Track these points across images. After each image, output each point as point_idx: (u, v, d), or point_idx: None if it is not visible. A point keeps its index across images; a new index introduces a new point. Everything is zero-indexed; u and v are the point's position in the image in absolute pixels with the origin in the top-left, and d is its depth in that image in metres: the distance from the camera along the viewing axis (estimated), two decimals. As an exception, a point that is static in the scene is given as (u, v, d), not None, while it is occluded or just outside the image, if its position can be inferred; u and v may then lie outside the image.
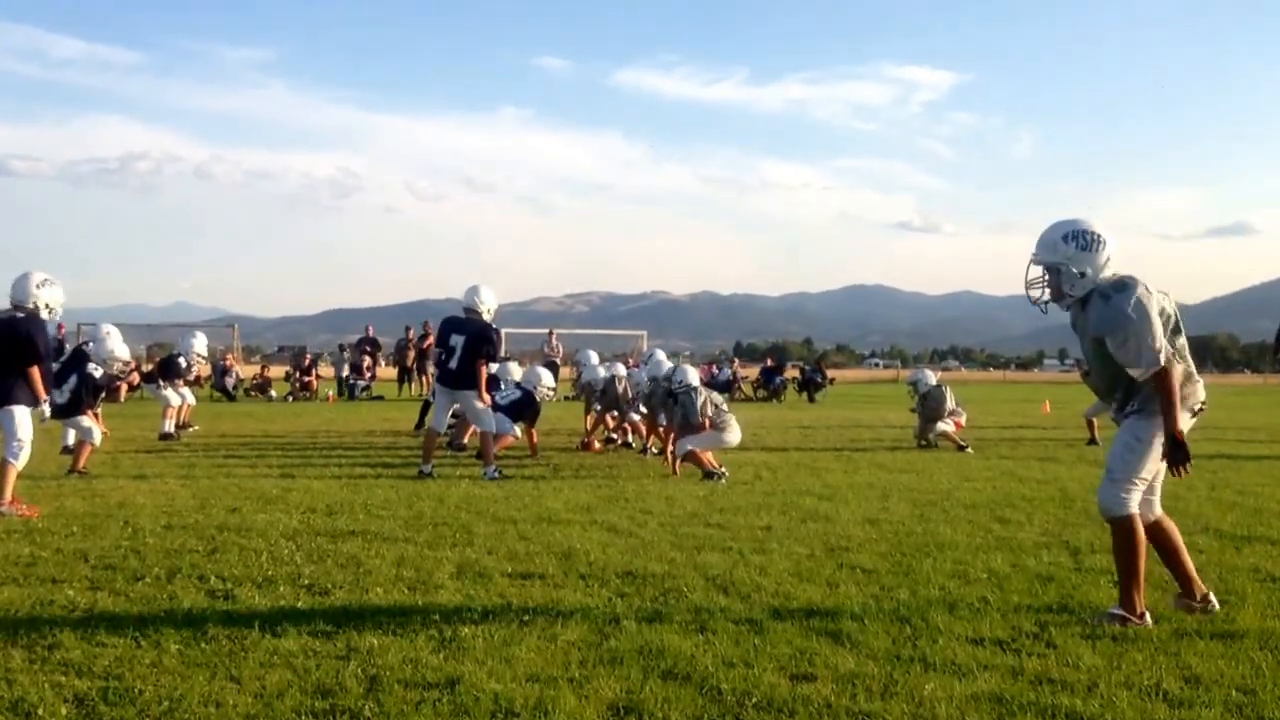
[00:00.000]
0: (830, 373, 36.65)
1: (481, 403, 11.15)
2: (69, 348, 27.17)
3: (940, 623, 5.12)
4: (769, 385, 32.40)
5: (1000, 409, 27.29)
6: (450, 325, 11.27)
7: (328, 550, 6.79)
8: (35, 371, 8.43)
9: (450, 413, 11.78)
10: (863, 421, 21.20)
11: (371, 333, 32.20)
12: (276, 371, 33.35)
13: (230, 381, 28.88)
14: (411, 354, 29.83)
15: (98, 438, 11.13)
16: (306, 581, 5.88)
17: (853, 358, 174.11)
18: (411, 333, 30.31)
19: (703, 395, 11.20)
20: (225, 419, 19.98)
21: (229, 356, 31.40)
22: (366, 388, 29.08)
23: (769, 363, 34.97)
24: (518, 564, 6.42)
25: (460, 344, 10.99)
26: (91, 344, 12.04)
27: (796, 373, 36.19)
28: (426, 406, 16.07)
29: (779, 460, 12.78)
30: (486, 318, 11.31)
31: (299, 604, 5.39)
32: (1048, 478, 11.19)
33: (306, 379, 29.98)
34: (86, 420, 11.03)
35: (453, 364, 11.02)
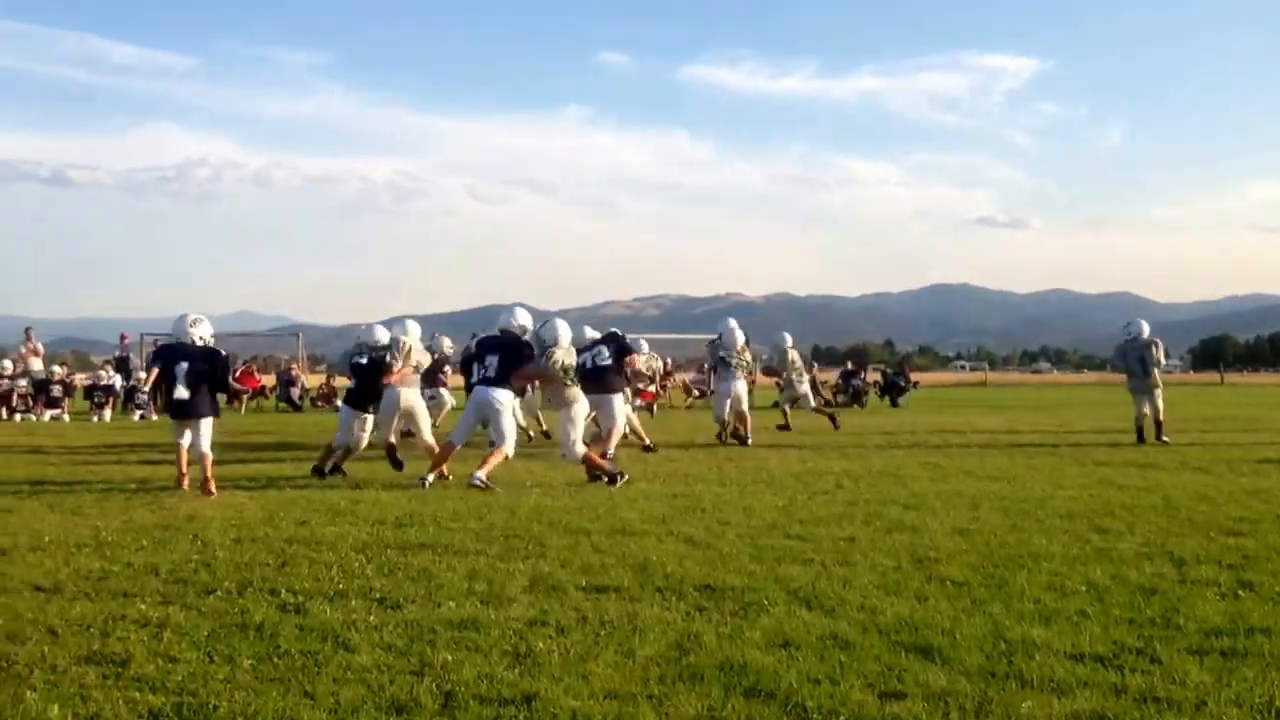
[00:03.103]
0: (914, 376, 36.37)
1: (509, 419, 11.48)
2: (133, 358, 27.72)
3: (1036, 637, 5.08)
4: (849, 390, 32.22)
5: (1096, 412, 26.91)
6: (485, 346, 11.78)
7: (398, 563, 6.87)
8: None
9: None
10: (949, 427, 21.01)
11: (438, 339, 32.43)
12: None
13: (296, 391, 29.28)
14: None
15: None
16: (378, 595, 5.96)
17: (937, 360, 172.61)
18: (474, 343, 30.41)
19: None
20: (292, 430, 20.28)
21: (294, 366, 31.81)
22: (434, 396, 29.31)
23: (849, 366, 34.77)
24: (592, 577, 6.45)
25: (495, 360, 11.43)
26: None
27: (878, 376, 35.94)
28: None
29: (860, 468, 12.70)
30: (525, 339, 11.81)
31: (371, 618, 5.46)
32: (1149, 485, 11.02)
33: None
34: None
35: (490, 374, 11.40)
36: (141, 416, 24.43)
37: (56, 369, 26.88)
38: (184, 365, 10.71)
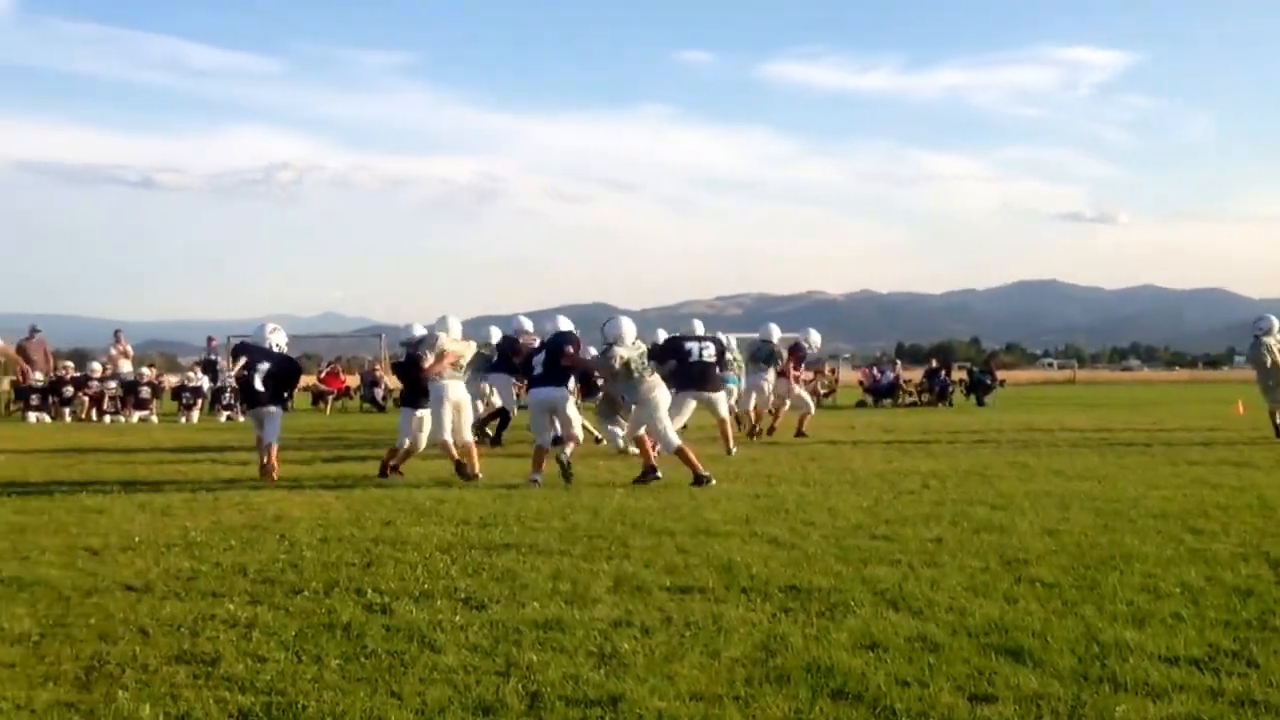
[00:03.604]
0: (1000, 374, 35.95)
1: (571, 409, 12.02)
2: (219, 360, 28.19)
3: (1130, 640, 5.00)
4: (934, 388, 31.92)
5: (1188, 410, 26.45)
6: (535, 349, 12.94)
7: (483, 563, 6.92)
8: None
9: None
10: (1037, 425, 20.73)
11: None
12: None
13: (380, 392, 29.60)
14: None
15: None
16: (463, 595, 6.01)
17: (1024, 357, 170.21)
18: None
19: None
20: (376, 430, 20.51)
21: (378, 367, 32.15)
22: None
23: (934, 364, 34.43)
24: (676, 577, 6.46)
25: (542, 358, 12.17)
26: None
27: (964, 374, 35.56)
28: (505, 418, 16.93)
29: (947, 468, 12.58)
30: None
31: (456, 618, 5.50)
32: (1244, 484, 10.80)
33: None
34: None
35: (538, 371, 12.08)
36: (228, 418, 24.83)
37: (145, 371, 27.39)
38: (265, 365, 12.12)
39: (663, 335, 15.59)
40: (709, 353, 14.88)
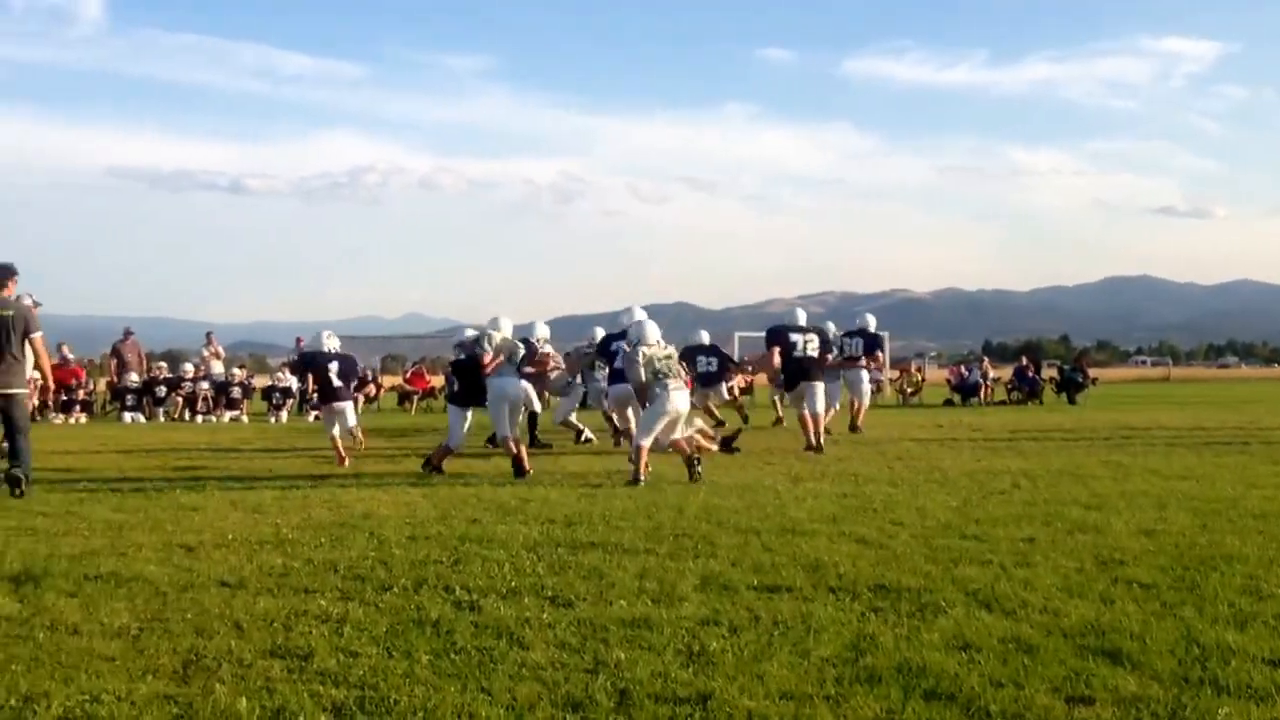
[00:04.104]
0: (1092, 372, 35.40)
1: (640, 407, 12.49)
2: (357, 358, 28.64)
3: (1231, 642, 4.89)
4: (1024, 386, 31.53)
5: (1288, 409, 25.88)
6: (613, 337, 14.27)
7: (569, 561, 6.95)
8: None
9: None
10: (1131, 424, 20.39)
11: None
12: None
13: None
14: None
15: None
16: (550, 593, 6.03)
17: (1116, 355, 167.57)
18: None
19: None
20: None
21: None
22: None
23: (1023, 362, 33.98)
24: (763, 576, 6.44)
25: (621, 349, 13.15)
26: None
27: (1054, 372, 35.09)
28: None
29: (1038, 467, 12.40)
30: None
31: (544, 615, 5.53)
32: (1348, 484, 10.54)
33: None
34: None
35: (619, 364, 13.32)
36: (316, 417, 25.21)
37: (236, 371, 27.90)
38: (334, 365, 14.20)
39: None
40: (813, 346, 15.11)
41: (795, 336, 15.31)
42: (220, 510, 9.36)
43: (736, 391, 21.67)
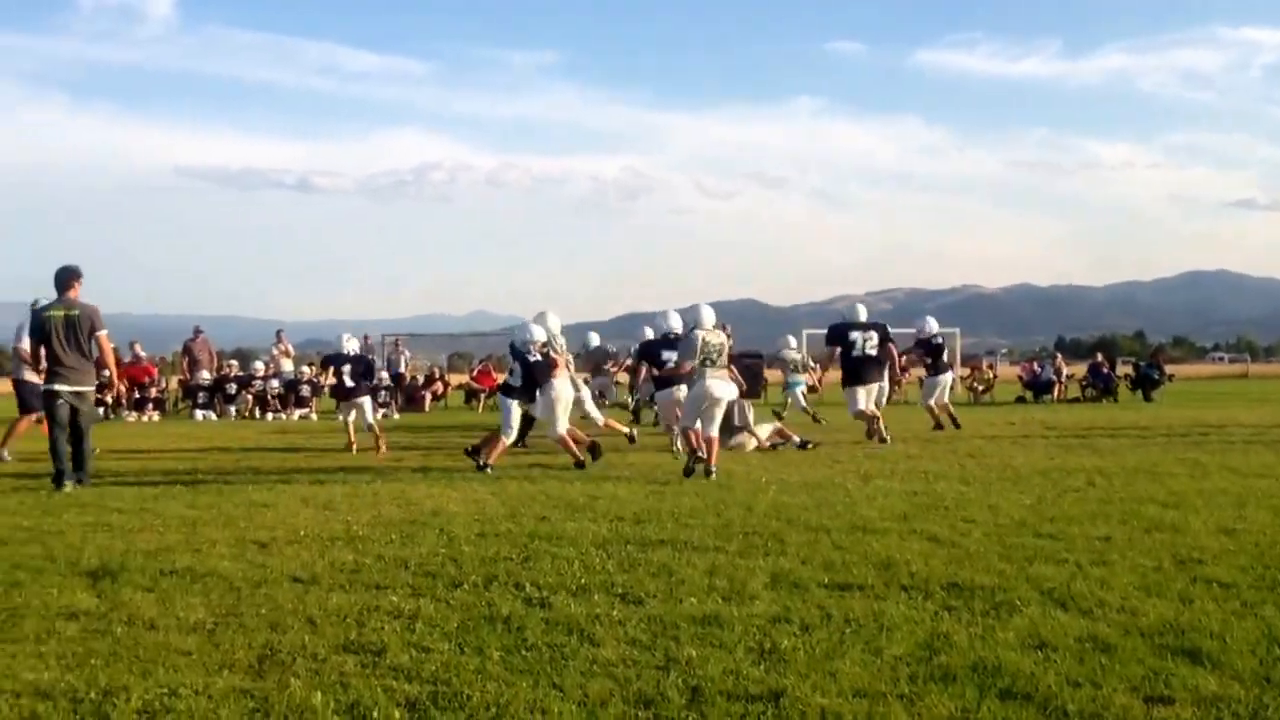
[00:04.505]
0: (1168, 368, 34.89)
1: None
2: (375, 359, 28.93)
3: (1316, 643, 4.82)
4: (1098, 383, 31.15)
5: (1372, 406, 25.35)
6: (657, 344, 14.79)
7: (638, 558, 6.97)
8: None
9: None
10: (1209, 421, 20.04)
11: (672, 336, 32.70)
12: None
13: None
14: None
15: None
16: (620, 590, 6.06)
17: (1192, 351, 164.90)
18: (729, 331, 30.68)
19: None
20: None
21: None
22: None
23: (1097, 359, 33.56)
24: (834, 574, 6.41)
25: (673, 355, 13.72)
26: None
27: (1129, 369, 34.62)
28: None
29: (1114, 465, 12.24)
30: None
31: (614, 612, 5.55)
32: None
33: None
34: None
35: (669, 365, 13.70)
36: (384, 415, 25.44)
37: (305, 369, 28.19)
38: (347, 366, 15.99)
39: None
40: (872, 344, 15.07)
41: (855, 335, 15.59)
42: (291, 507, 9.48)
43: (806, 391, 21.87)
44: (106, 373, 12.74)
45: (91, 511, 9.26)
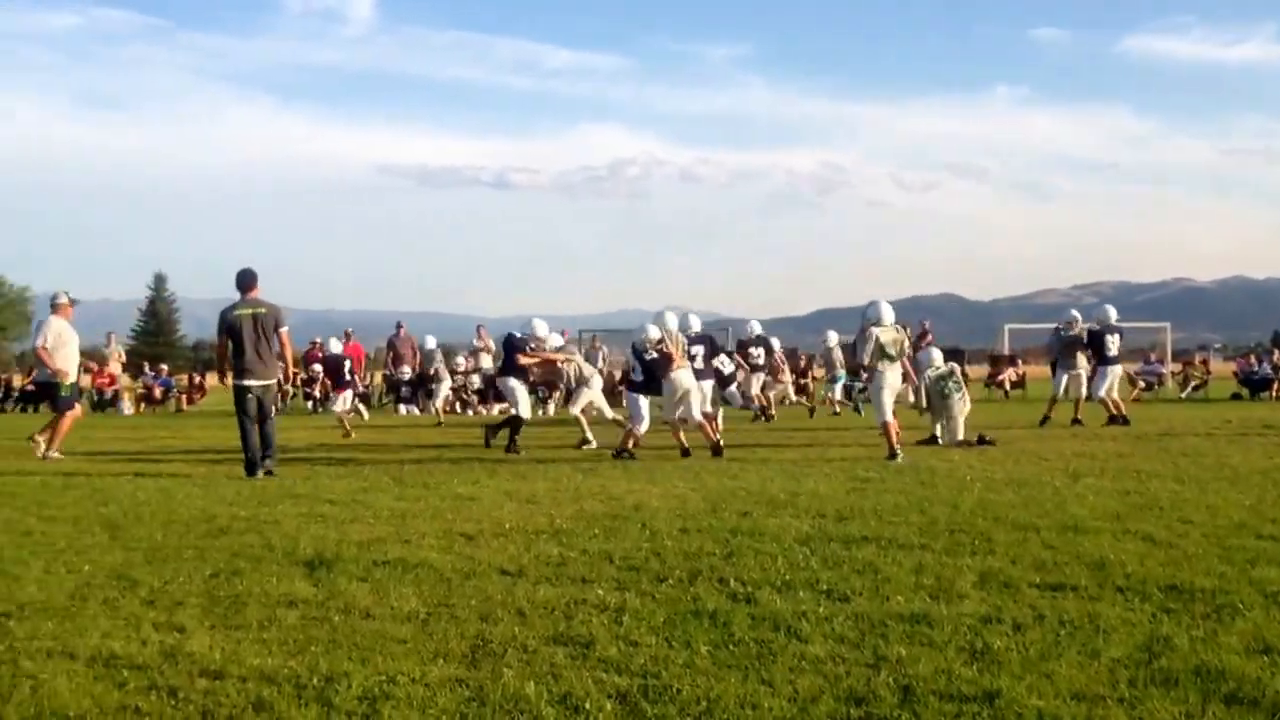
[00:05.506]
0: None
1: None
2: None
3: None
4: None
5: None
6: (693, 340, 15.48)
7: (842, 556, 6.93)
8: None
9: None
10: None
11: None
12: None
13: (735, 387, 29.99)
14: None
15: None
16: (825, 587, 6.04)
17: None
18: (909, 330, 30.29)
19: None
20: (731, 423, 20.85)
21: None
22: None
23: (1324, 354, 31.96)
24: (1045, 574, 6.28)
25: (700, 351, 15.33)
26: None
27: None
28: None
29: (1342, 464, 11.69)
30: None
31: (820, 609, 5.54)
32: None
33: (803, 381, 30.61)
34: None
35: (698, 364, 15.01)
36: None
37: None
38: (341, 364, 19.83)
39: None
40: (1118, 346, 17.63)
41: (1110, 338, 17.24)
42: (496, 500, 9.71)
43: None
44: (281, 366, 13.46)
45: (305, 503, 9.66)
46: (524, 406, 15.49)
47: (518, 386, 15.64)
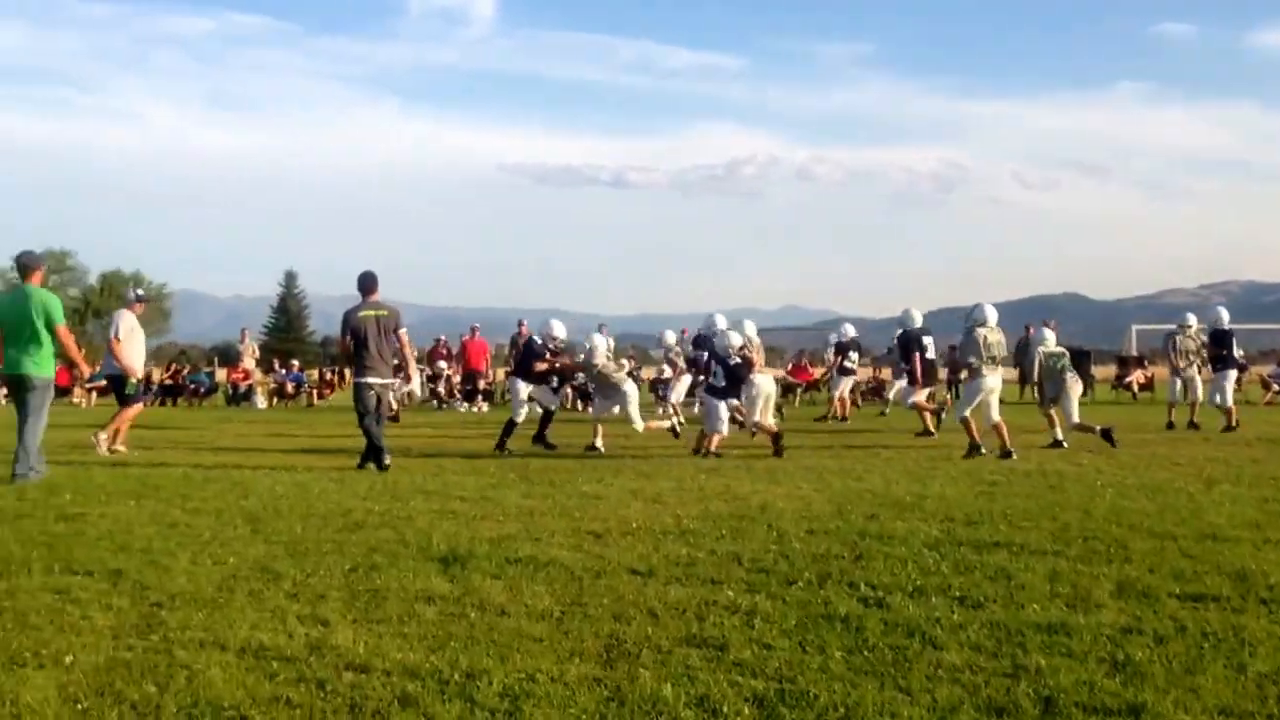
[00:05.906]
0: None
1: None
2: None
3: None
4: None
5: None
6: (696, 343, 16.59)
7: (973, 561, 6.86)
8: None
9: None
10: None
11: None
12: (885, 372, 34.03)
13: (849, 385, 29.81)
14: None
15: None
16: (957, 593, 5.98)
17: None
18: (1031, 331, 29.73)
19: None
20: (850, 422, 20.72)
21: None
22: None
23: None
24: (1185, 584, 6.15)
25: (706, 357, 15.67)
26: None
27: None
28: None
29: None
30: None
31: (954, 616, 5.49)
32: None
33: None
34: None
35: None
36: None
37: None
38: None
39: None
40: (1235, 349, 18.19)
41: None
42: (622, 499, 9.76)
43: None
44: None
45: (436, 499, 9.79)
46: (522, 410, 15.52)
47: (521, 388, 15.72)
